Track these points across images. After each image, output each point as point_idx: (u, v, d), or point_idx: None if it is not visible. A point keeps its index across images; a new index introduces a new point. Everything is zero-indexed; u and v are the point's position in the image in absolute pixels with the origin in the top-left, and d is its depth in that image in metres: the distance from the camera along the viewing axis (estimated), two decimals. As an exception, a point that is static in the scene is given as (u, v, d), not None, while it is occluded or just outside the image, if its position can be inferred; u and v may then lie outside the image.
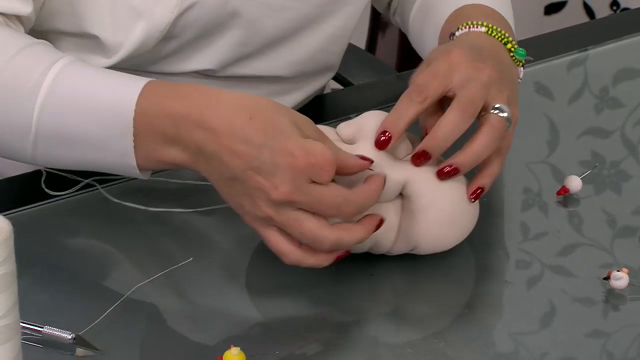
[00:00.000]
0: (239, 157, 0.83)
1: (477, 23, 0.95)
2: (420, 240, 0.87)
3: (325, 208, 0.82)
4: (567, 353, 0.82)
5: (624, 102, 1.15)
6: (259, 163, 0.82)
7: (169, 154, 0.86)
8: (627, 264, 0.90)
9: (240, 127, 0.83)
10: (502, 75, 0.90)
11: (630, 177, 1.03)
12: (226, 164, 0.83)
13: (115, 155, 0.87)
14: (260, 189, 0.82)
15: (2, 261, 0.68)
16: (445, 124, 0.86)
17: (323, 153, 0.82)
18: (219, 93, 0.85)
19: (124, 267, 0.89)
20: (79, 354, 0.80)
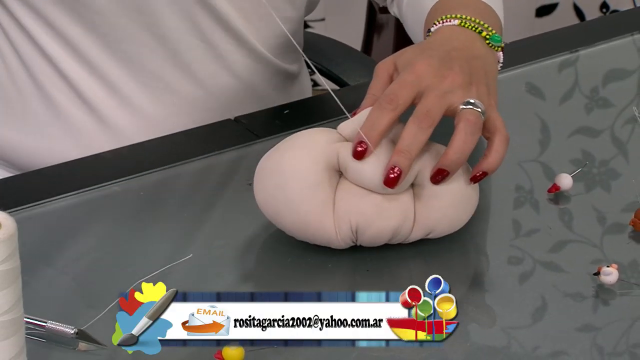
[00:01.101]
0: None
1: (450, 17, 0.96)
2: (436, 224, 0.90)
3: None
4: (558, 347, 0.83)
5: (614, 102, 1.15)
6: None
7: None
8: (616, 259, 0.91)
9: None
10: (472, 72, 0.92)
11: (620, 175, 1.04)
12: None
13: None
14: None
15: (6, 257, 0.68)
16: (404, 137, 0.87)
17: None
18: None
19: (126, 262, 0.90)
20: (81, 348, 0.80)
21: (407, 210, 0.88)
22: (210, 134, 1.08)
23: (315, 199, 0.87)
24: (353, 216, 0.87)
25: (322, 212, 0.87)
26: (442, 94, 0.89)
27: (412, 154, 0.87)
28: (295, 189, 0.87)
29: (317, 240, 0.89)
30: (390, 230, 0.88)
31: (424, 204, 0.89)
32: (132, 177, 0.99)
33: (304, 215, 0.87)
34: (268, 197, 0.89)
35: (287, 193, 0.87)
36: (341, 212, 0.87)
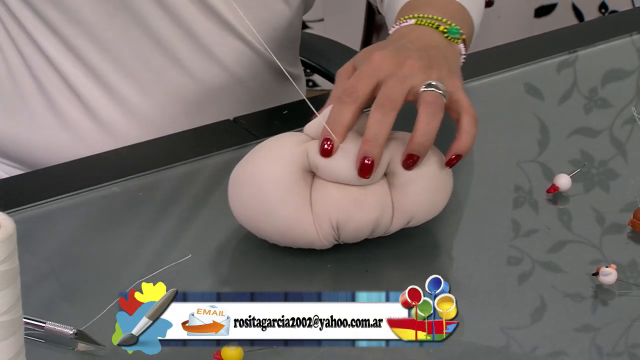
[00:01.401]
0: None
1: (406, 17, 0.97)
2: (415, 210, 0.90)
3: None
4: (557, 347, 0.83)
5: (612, 102, 1.16)
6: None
7: None
8: (615, 260, 0.91)
9: None
10: (430, 57, 0.92)
11: (618, 175, 1.04)
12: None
13: None
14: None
15: (5, 258, 0.68)
16: (370, 125, 0.87)
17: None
18: None
19: (125, 263, 0.90)
20: (80, 349, 0.81)
21: (385, 200, 0.89)
22: (210, 135, 1.08)
23: (292, 203, 0.87)
24: (332, 214, 0.87)
25: (301, 214, 0.87)
26: (402, 79, 0.89)
27: (380, 141, 0.87)
28: (270, 195, 0.87)
29: (299, 244, 0.89)
30: (371, 222, 0.88)
31: (400, 192, 0.89)
32: (131, 178, 0.99)
33: (282, 220, 0.87)
34: (244, 208, 0.89)
35: (262, 200, 0.87)
36: (319, 212, 0.87)
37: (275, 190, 0.87)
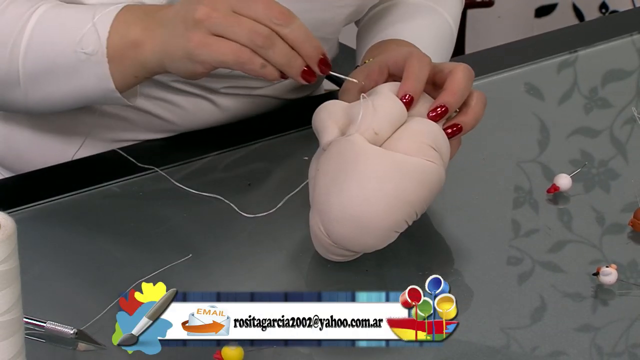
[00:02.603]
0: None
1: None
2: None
3: (256, 3, 0.87)
4: (557, 347, 0.83)
5: (613, 102, 1.16)
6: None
7: (135, 44, 0.91)
8: (615, 260, 0.91)
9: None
10: None
11: (619, 175, 1.04)
12: (178, 3, 0.89)
13: (94, 79, 0.93)
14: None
15: (5, 257, 0.69)
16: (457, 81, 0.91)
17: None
18: None
19: (125, 263, 0.90)
20: (80, 349, 0.81)
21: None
22: (210, 135, 1.08)
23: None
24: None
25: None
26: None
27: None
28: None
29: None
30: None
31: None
32: (131, 178, 0.99)
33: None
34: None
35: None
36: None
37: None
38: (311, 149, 0.93)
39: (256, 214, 0.94)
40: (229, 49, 0.87)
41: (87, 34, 0.92)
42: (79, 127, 1.08)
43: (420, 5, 1.09)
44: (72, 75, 0.94)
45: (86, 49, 0.92)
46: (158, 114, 1.07)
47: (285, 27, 0.87)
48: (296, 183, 0.97)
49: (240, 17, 0.87)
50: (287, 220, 0.94)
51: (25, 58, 0.94)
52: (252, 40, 0.87)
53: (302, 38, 0.88)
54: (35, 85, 0.95)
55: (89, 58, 0.92)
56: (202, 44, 0.88)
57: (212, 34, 0.87)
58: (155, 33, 0.91)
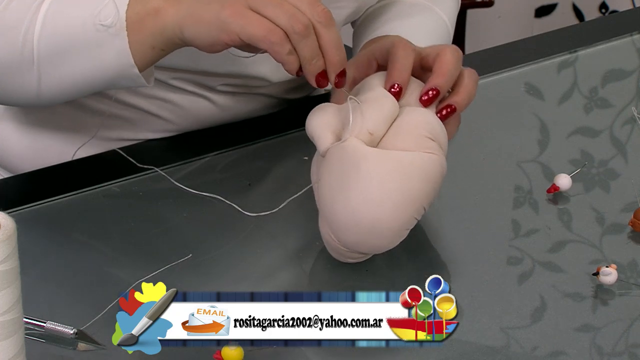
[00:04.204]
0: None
1: None
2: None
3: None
4: (557, 347, 0.83)
5: (613, 102, 1.16)
6: None
7: (156, 16, 0.89)
8: (615, 260, 0.91)
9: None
10: None
11: (618, 175, 1.04)
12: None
13: (112, 53, 0.91)
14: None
15: (5, 258, 0.69)
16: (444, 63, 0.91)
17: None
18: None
19: (125, 263, 0.90)
20: (80, 349, 0.81)
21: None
22: (209, 135, 1.08)
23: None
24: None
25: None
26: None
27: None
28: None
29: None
30: None
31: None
32: (131, 178, 0.99)
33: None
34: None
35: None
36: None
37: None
38: (311, 148, 0.93)
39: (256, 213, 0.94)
40: (264, 25, 0.86)
41: (106, 7, 0.90)
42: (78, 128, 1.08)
43: (416, 3, 1.09)
44: (90, 51, 0.92)
45: (105, 21, 0.90)
46: (156, 113, 1.07)
47: (324, 26, 0.86)
48: (296, 183, 0.97)
49: (283, 1, 0.86)
50: (287, 220, 0.94)
51: (40, 37, 0.92)
52: (291, 24, 0.85)
53: (334, 43, 0.87)
54: (50, 65, 0.93)
55: (107, 30, 0.90)
56: (238, 14, 0.86)
57: (250, 8, 0.86)
58: (180, 1, 0.89)
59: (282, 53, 0.86)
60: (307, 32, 0.85)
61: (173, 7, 0.89)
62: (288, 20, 0.85)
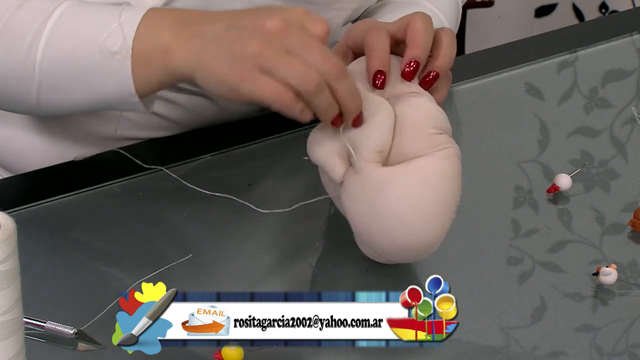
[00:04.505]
0: (233, 14, 0.86)
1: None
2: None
3: (314, 50, 0.83)
4: (557, 347, 0.83)
5: (613, 102, 1.16)
6: (254, 13, 0.85)
7: (165, 54, 0.88)
8: (615, 260, 0.91)
9: (237, 10, 0.88)
10: None
11: (619, 175, 1.04)
12: (219, 21, 0.86)
13: (115, 80, 0.90)
14: (254, 24, 0.84)
15: (5, 257, 0.69)
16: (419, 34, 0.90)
17: (319, 15, 0.85)
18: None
19: (125, 263, 0.90)
20: (80, 349, 0.81)
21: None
22: (209, 134, 1.08)
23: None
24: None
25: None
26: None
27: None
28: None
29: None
30: None
31: None
32: (131, 178, 0.99)
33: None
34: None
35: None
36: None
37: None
38: (311, 149, 0.93)
39: (256, 213, 0.94)
40: (273, 89, 0.84)
41: (113, 33, 0.90)
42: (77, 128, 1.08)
43: (410, 2, 1.09)
44: (92, 74, 0.91)
45: (111, 48, 0.89)
46: (157, 112, 1.07)
47: (337, 81, 0.85)
48: (296, 183, 0.97)
49: (293, 58, 0.84)
50: (287, 220, 0.94)
51: (44, 54, 0.92)
52: (302, 84, 0.84)
53: (349, 93, 0.85)
54: (50, 82, 0.93)
55: (112, 57, 0.89)
56: (247, 79, 0.84)
57: (259, 70, 0.84)
58: (190, 43, 0.87)
59: (295, 112, 0.85)
60: (319, 90, 0.84)
61: (183, 48, 0.88)
62: (299, 81, 0.83)
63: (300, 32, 0.85)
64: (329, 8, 1.05)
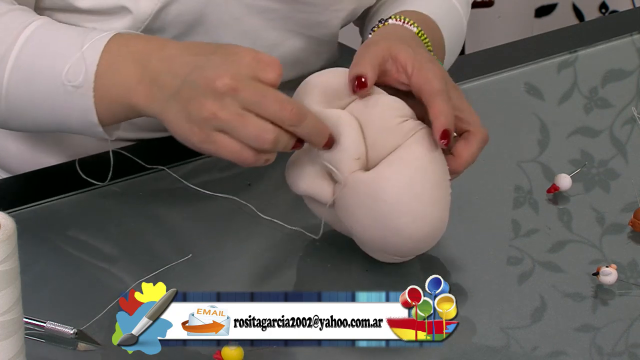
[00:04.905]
0: (188, 63, 0.86)
1: (410, 22, 0.96)
2: None
3: (268, 102, 0.84)
4: (557, 347, 0.83)
5: (613, 102, 1.16)
6: (207, 61, 0.85)
7: (128, 94, 0.88)
8: (615, 260, 0.91)
9: (194, 47, 0.87)
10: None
11: (618, 175, 1.04)
12: (175, 74, 0.86)
13: (78, 112, 0.90)
14: (205, 83, 0.84)
15: (5, 258, 0.69)
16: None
17: (271, 57, 0.85)
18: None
19: (125, 263, 0.90)
20: (80, 349, 0.81)
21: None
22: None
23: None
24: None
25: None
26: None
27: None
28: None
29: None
30: None
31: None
32: (131, 177, 0.99)
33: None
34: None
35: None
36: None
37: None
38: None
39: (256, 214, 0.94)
40: (233, 149, 0.85)
41: (75, 65, 0.89)
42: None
43: None
44: (55, 103, 0.91)
45: (73, 81, 0.90)
46: None
47: (296, 127, 0.85)
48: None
49: (248, 117, 0.84)
50: (287, 220, 0.94)
51: (11, 73, 0.92)
52: (259, 144, 0.84)
53: (312, 133, 0.86)
54: (17, 103, 0.93)
55: (75, 90, 0.90)
56: (206, 140, 0.86)
57: (217, 131, 0.85)
58: (151, 92, 0.88)
59: (259, 164, 0.86)
60: (275, 144, 0.85)
61: (145, 96, 0.88)
62: (256, 141, 0.84)
63: (252, 85, 0.84)
64: (327, 9, 1.05)
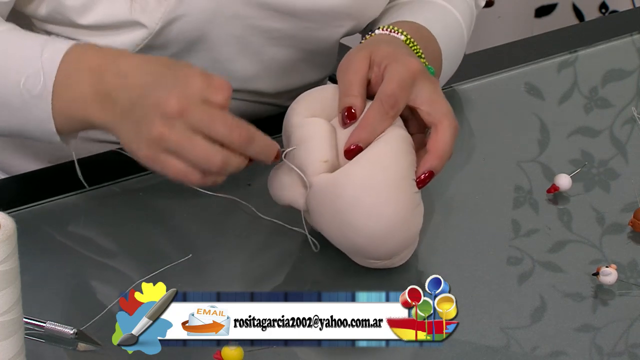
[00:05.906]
0: (141, 83, 0.86)
1: (399, 31, 0.97)
2: None
3: (217, 125, 0.84)
4: (557, 347, 0.83)
5: (613, 102, 1.16)
6: (158, 84, 0.85)
7: (84, 108, 0.89)
8: (615, 260, 0.91)
9: (148, 65, 0.87)
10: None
11: (619, 175, 1.05)
12: (128, 92, 0.86)
13: (36, 121, 0.91)
14: (156, 103, 0.85)
15: (5, 258, 0.69)
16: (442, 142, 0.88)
17: (221, 79, 0.85)
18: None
19: (125, 263, 0.90)
20: (80, 349, 0.81)
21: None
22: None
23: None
24: None
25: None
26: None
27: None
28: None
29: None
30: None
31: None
32: (131, 178, 0.99)
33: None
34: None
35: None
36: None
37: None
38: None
39: (257, 214, 0.94)
40: (181, 170, 0.86)
41: (33, 75, 0.90)
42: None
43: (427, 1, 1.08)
44: (14, 111, 0.92)
45: (32, 90, 0.90)
46: None
47: (245, 149, 0.86)
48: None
49: (195, 139, 0.85)
50: (287, 220, 0.94)
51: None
52: (207, 166, 0.85)
53: (261, 153, 0.87)
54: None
55: (33, 99, 0.90)
56: (155, 160, 0.86)
57: (165, 152, 0.86)
58: (105, 107, 0.88)
59: (207, 184, 0.87)
60: (224, 166, 0.86)
61: (100, 110, 0.89)
62: (204, 164, 0.85)
63: (201, 107, 0.85)
64: (327, 25, 1.05)
